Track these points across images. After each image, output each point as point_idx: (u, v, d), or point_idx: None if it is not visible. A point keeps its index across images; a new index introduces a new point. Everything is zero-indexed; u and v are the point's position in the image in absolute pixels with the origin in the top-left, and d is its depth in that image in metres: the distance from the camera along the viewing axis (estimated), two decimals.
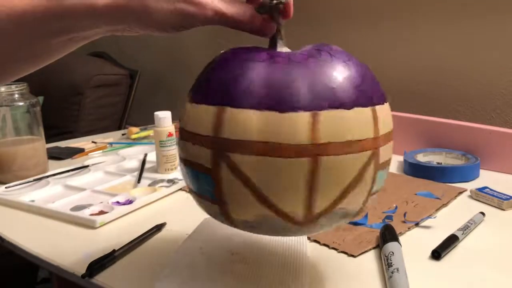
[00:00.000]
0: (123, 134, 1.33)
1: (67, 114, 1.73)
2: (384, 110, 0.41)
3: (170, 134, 0.89)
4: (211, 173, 0.40)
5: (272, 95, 0.37)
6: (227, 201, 0.40)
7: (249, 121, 0.37)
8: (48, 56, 0.44)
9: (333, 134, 0.37)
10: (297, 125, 0.37)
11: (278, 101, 0.37)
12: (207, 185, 0.41)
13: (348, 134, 0.38)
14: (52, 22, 0.39)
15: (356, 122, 0.38)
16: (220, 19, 0.40)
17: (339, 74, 0.39)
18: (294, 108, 0.37)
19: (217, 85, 0.40)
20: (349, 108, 0.38)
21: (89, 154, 1.09)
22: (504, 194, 0.71)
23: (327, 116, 0.37)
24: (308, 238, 0.60)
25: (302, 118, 0.37)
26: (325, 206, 0.39)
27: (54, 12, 0.39)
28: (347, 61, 0.40)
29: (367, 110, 0.39)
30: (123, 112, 1.86)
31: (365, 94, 0.39)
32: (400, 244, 0.55)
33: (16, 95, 0.90)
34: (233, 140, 0.38)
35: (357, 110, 0.38)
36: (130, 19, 0.40)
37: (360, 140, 0.38)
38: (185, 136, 0.42)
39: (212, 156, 0.39)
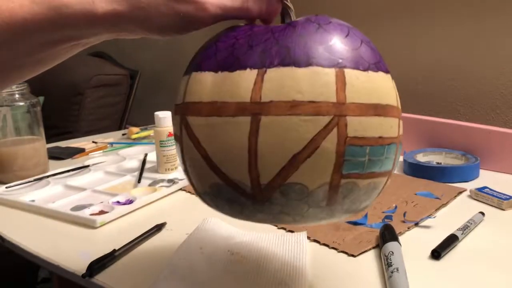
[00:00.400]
0: (123, 134, 1.33)
1: (68, 114, 1.73)
2: (365, 77, 0.36)
3: (170, 134, 0.89)
4: (178, 140, 0.41)
5: (229, 57, 0.38)
6: (189, 169, 0.41)
7: (204, 83, 0.38)
8: (51, 61, 0.44)
9: (277, 92, 0.35)
10: (241, 82, 0.36)
11: (232, 62, 0.37)
12: (179, 153, 0.42)
13: (296, 93, 0.35)
14: (53, 31, 0.39)
15: (309, 81, 0.35)
16: (224, 13, 0.39)
17: (301, 35, 0.37)
18: (243, 66, 0.36)
19: (195, 56, 0.41)
20: (302, 66, 0.35)
21: (89, 154, 1.09)
22: (504, 194, 0.71)
23: (274, 73, 0.35)
24: (308, 238, 0.60)
25: (248, 75, 0.36)
26: (272, 175, 0.36)
27: (54, 21, 0.38)
28: (325, 24, 0.38)
29: (329, 71, 0.35)
30: (123, 112, 1.87)
31: (331, 55, 0.36)
32: (400, 244, 0.55)
33: (17, 95, 0.90)
34: (190, 102, 0.39)
35: (313, 69, 0.35)
36: (131, 25, 0.39)
37: (314, 102, 0.35)
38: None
39: (179, 122, 0.40)
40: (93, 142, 1.21)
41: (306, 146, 0.35)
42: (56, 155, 1.07)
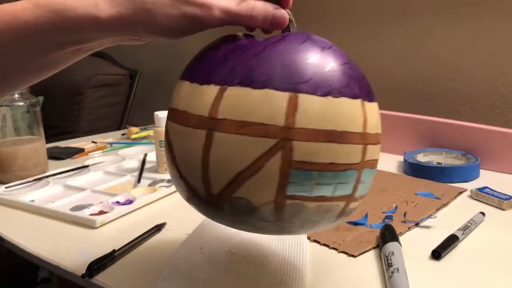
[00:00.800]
0: (123, 134, 1.33)
1: (67, 114, 1.73)
2: (321, 103, 0.36)
3: None
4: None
5: (203, 70, 0.40)
6: (168, 171, 0.44)
7: (181, 92, 0.41)
8: (55, 66, 0.43)
9: (231, 111, 0.36)
10: (204, 97, 0.38)
11: (203, 75, 0.39)
12: None
13: (247, 114, 0.36)
14: (55, 35, 0.38)
15: (261, 103, 0.36)
16: (228, 17, 0.39)
17: (268, 55, 0.37)
18: (209, 81, 0.38)
19: (189, 62, 0.43)
20: (257, 88, 0.36)
21: (89, 154, 1.09)
22: (504, 194, 0.71)
23: (232, 91, 0.37)
24: (308, 238, 0.60)
25: (211, 91, 0.38)
26: (221, 187, 0.37)
27: (57, 24, 0.38)
28: (297, 44, 0.38)
29: (282, 95, 0.36)
30: (123, 112, 1.86)
31: (289, 78, 0.36)
32: (400, 244, 0.55)
33: (16, 95, 0.90)
34: (171, 108, 0.42)
35: (267, 91, 0.36)
36: (136, 28, 0.39)
37: (262, 124, 0.36)
38: None
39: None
40: (93, 142, 1.21)
41: (250, 165, 0.36)
42: (56, 155, 1.07)
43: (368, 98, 0.39)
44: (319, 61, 0.37)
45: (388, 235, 0.56)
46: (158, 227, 0.64)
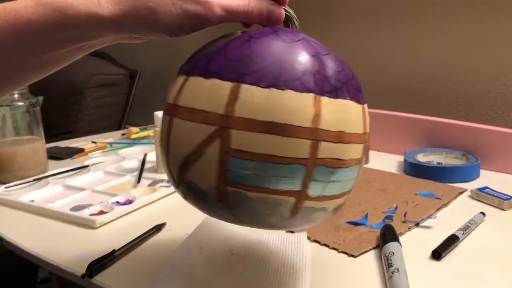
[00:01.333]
0: (123, 134, 1.33)
1: (67, 114, 1.73)
2: (262, 94, 0.36)
3: None
4: None
5: (185, 64, 0.43)
6: None
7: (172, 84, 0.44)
8: (56, 64, 0.43)
9: (187, 99, 0.39)
10: (175, 86, 0.42)
11: (183, 67, 0.42)
12: None
13: (196, 102, 0.38)
14: (57, 32, 0.39)
15: (208, 92, 0.38)
16: (227, 14, 0.40)
17: (228, 48, 0.39)
18: (182, 72, 0.42)
19: None
20: (207, 78, 0.38)
21: (89, 154, 1.09)
22: (505, 194, 0.71)
23: (191, 81, 0.40)
24: (308, 238, 0.60)
25: (180, 80, 0.41)
26: (177, 170, 0.40)
27: (59, 22, 0.38)
28: (255, 38, 0.39)
29: (226, 84, 0.37)
30: (123, 112, 1.86)
31: (235, 69, 0.37)
32: (401, 244, 0.55)
33: (16, 95, 0.90)
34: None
35: (214, 81, 0.38)
36: (138, 26, 0.39)
37: (205, 111, 0.38)
38: None
39: None
40: (93, 142, 1.21)
41: (194, 150, 0.38)
42: (56, 155, 1.07)
43: (333, 94, 0.38)
44: (272, 54, 0.38)
45: (388, 235, 0.56)
46: (158, 227, 0.64)
